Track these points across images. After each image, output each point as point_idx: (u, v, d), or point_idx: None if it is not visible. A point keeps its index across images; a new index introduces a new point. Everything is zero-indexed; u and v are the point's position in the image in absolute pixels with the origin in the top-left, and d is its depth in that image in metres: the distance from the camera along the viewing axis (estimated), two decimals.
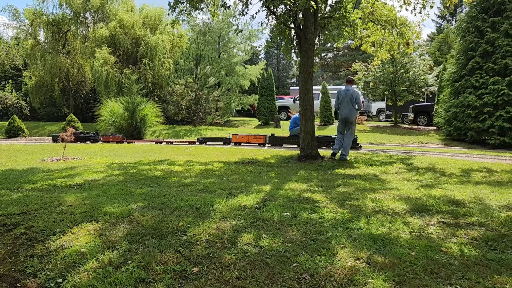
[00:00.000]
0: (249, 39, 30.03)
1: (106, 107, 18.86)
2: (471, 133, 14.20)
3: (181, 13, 9.86)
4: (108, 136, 16.58)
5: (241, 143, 14.18)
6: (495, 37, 14.02)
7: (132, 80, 19.79)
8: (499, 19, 14.08)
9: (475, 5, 15.04)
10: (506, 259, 3.05)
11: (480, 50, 14.45)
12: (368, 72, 22.06)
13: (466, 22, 15.43)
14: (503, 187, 5.98)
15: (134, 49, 24.68)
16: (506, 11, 13.95)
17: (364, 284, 2.69)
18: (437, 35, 42.36)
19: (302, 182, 6.36)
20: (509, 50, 13.64)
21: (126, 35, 24.38)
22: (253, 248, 3.34)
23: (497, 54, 13.93)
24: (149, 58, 23.93)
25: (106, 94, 22.30)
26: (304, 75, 9.61)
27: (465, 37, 15.33)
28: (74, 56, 27.46)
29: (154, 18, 26.10)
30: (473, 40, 14.78)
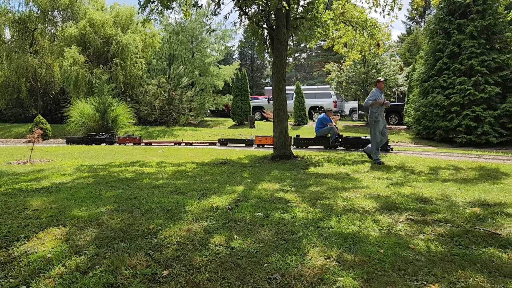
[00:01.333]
0: (223, 39, 29.95)
1: (76, 108, 18.39)
2: (439, 132, 14.60)
3: (152, 12, 9.73)
4: (125, 137, 15.95)
5: (265, 145, 13.41)
6: (461, 38, 14.46)
7: (103, 80, 19.39)
8: (465, 21, 14.54)
9: (442, 7, 15.48)
10: (470, 254, 3.14)
11: (447, 51, 14.87)
12: (341, 72, 22.39)
13: (434, 23, 15.86)
14: (469, 184, 6.18)
15: (105, 48, 24.18)
16: (471, 14, 14.42)
17: (333, 282, 2.71)
18: (407, 36, 43.37)
19: (275, 182, 6.38)
20: (474, 51, 14.10)
21: (97, 34, 23.86)
22: (224, 249, 3.32)
23: (463, 55, 14.37)
24: (121, 57, 23.50)
25: (76, 94, 21.75)
26: (277, 75, 9.66)
27: (433, 38, 15.76)
28: (42, 56, 26.64)
29: (126, 17, 25.64)
30: (440, 42, 15.20)
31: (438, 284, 2.64)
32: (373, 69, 21.06)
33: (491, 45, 14.42)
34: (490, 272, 2.82)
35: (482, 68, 13.87)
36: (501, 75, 13.95)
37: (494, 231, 3.68)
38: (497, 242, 3.40)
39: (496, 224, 3.91)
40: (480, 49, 14.17)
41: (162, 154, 11.33)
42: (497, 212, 4.32)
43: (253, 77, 47.86)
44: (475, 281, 2.67)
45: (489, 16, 14.24)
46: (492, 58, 14.01)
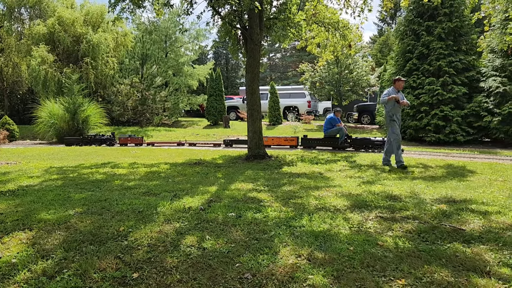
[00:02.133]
0: (197, 38, 29.73)
1: (45, 108, 17.86)
2: (409, 131, 14.96)
3: (124, 10, 9.56)
4: (126, 137, 15.48)
5: (271, 146, 13.00)
6: (430, 40, 14.87)
7: (73, 79, 18.89)
8: (433, 23, 14.95)
9: (411, 9, 15.86)
10: (436, 249, 3.24)
11: (416, 52, 15.26)
12: (315, 72, 22.63)
13: (403, 25, 16.23)
14: (437, 182, 6.36)
15: (75, 47, 23.59)
16: (439, 16, 14.84)
17: (304, 280, 2.74)
18: (378, 37, 44.28)
19: (248, 182, 6.39)
20: (442, 52, 14.52)
21: (66, 32, 23.25)
22: (196, 250, 3.30)
23: (432, 56, 14.78)
24: (92, 57, 22.98)
25: (44, 94, 21.14)
26: (251, 75, 9.68)
27: (403, 40, 16.13)
28: (9, 54, 25.77)
29: (96, 16, 25.08)
30: (410, 43, 15.58)
31: (405, 280, 2.71)
32: (346, 69, 21.39)
33: (458, 47, 14.89)
34: (454, 266, 2.92)
35: (450, 69, 14.30)
36: (467, 76, 14.42)
37: (459, 226, 3.81)
38: (462, 238, 3.52)
39: (461, 220, 4.04)
40: (448, 50, 14.62)
41: (135, 155, 11.16)
42: (463, 208, 4.46)
43: (228, 77, 47.77)
44: (440, 276, 2.75)
45: (456, 18, 14.71)
46: (459, 59, 14.48)
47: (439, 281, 2.67)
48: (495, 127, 13.15)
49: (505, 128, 12.91)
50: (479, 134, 14.13)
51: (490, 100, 13.57)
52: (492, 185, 6.00)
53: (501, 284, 2.63)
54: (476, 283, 2.63)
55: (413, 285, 2.64)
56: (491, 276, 2.75)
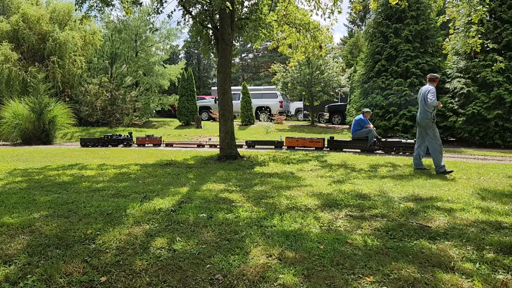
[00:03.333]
0: (168, 38, 29.35)
1: (8, 109, 17.16)
2: (379, 131, 15.27)
3: (92, 8, 9.33)
4: (144, 138, 14.77)
5: (295, 147, 12.50)
6: (397, 42, 15.25)
7: (38, 79, 18.24)
8: (401, 26, 15.35)
9: (380, 12, 16.22)
10: (403, 246, 3.32)
11: (385, 54, 15.62)
12: (286, 73, 22.76)
13: (372, 27, 16.58)
14: (404, 180, 6.52)
15: (40, 45, 22.82)
16: (407, 19, 15.25)
17: (275, 280, 2.75)
18: (349, 39, 45.06)
19: (220, 183, 6.36)
20: (409, 54, 14.93)
21: (31, 30, 22.47)
22: (166, 252, 3.26)
23: (399, 57, 15.17)
24: (58, 55, 22.30)
25: (8, 94, 20.33)
26: (222, 75, 9.64)
27: (372, 42, 16.48)
28: None
29: (63, 13, 24.34)
30: (379, 45, 15.93)
31: (373, 277, 2.76)
32: (317, 70, 21.61)
33: (424, 49, 15.34)
34: (420, 262, 2.99)
35: (417, 70, 14.72)
36: None
37: (425, 224, 3.92)
38: (428, 234, 3.62)
39: (427, 217, 4.16)
40: (415, 52, 15.04)
41: (104, 156, 10.91)
42: (429, 206, 4.60)
43: (199, 77, 47.45)
44: (406, 272, 2.82)
45: (422, 21, 15.15)
46: (426, 61, 14.92)
47: (406, 277, 2.74)
48: (460, 127, 13.62)
49: (469, 128, 13.39)
50: (445, 133, 14.58)
51: (455, 101, 14.05)
52: (457, 183, 6.21)
53: (464, 279, 2.72)
54: (441, 279, 2.71)
55: (381, 281, 2.70)
56: (455, 271, 2.84)
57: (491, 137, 13.01)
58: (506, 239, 3.42)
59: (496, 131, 12.91)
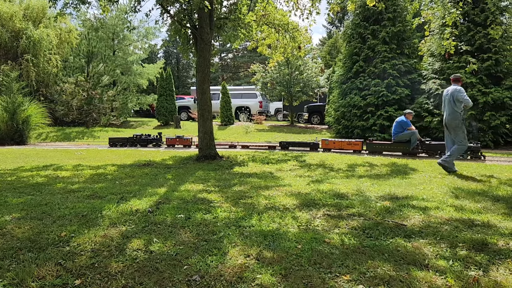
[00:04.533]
0: (146, 37, 28.96)
1: None
2: (357, 131, 15.48)
3: (67, 6, 9.14)
4: (174, 138, 14.14)
5: (331, 149, 11.87)
6: (375, 43, 15.48)
7: (11, 77, 17.75)
8: (378, 27, 15.59)
9: (358, 13, 16.43)
10: (380, 245, 3.36)
11: (363, 55, 15.83)
12: (266, 73, 22.81)
13: (351, 29, 16.78)
14: (381, 179, 6.62)
15: (13, 43, 22.19)
16: (384, 20, 15.49)
17: (252, 280, 2.75)
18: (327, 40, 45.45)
19: (199, 183, 6.32)
20: (386, 55, 15.18)
21: (4, 27, 21.82)
22: (143, 254, 3.22)
23: (377, 59, 15.40)
24: (33, 53, 21.73)
25: None
26: (201, 75, 9.59)
27: (350, 43, 16.67)
28: None
29: (38, 10, 23.72)
30: (357, 46, 16.14)
31: (349, 275, 2.79)
32: (296, 70, 21.73)
33: (401, 50, 15.63)
34: (396, 260, 3.04)
35: (394, 71, 14.97)
36: (410, 78, 15.16)
37: (401, 222, 3.98)
38: (403, 233, 3.68)
39: (403, 216, 4.23)
40: (392, 53, 15.30)
41: (80, 157, 10.69)
42: (405, 204, 4.68)
43: (178, 76, 47.09)
44: (382, 270, 2.86)
45: (399, 23, 15.43)
46: (402, 62, 15.19)
47: (381, 275, 2.77)
48: (435, 127, 13.90)
49: (443, 128, 13.67)
50: (421, 133, 14.85)
51: (430, 101, 14.33)
52: (432, 182, 6.33)
53: (438, 276, 2.78)
54: (415, 276, 2.76)
55: (357, 280, 2.73)
56: (429, 268, 2.89)
57: None
58: (478, 236, 3.50)
59: (469, 131, 13.24)
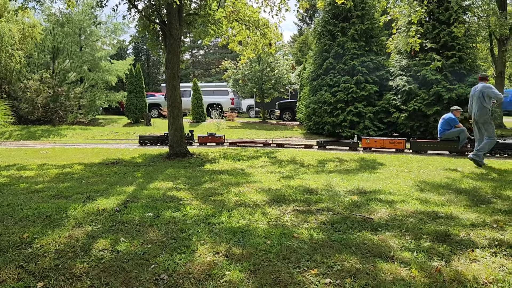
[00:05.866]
0: (115, 32, 28.28)
1: None
2: (327, 127, 15.67)
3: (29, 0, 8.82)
4: (206, 136, 13.33)
5: (372, 148, 11.22)
6: (344, 40, 15.69)
7: None
8: (347, 25, 15.80)
9: (327, 11, 16.60)
10: (347, 238, 3.42)
11: (333, 52, 16.02)
12: (237, 70, 22.75)
13: (320, 26, 16.94)
14: (350, 174, 6.73)
15: None
16: (352, 18, 15.72)
17: (221, 277, 2.74)
18: (298, 37, 45.81)
19: (168, 181, 6.24)
20: (355, 53, 15.41)
21: None
22: (109, 254, 3.15)
23: (346, 56, 15.61)
24: None
25: None
26: (171, 72, 9.45)
27: (320, 40, 16.83)
28: None
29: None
30: (327, 43, 16.31)
31: (317, 269, 2.82)
32: (268, 67, 21.79)
33: (369, 48, 15.91)
34: (362, 253, 3.10)
35: (363, 68, 15.21)
36: (378, 75, 15.46)
37: (368, 216, 4.06)
38: (370, 226, 3.76)
39: (370, 209, 4.32)
40: (361, 50, 15.54)
41: (46, 156, 10.35)
42: (372, 198, 4.78)
43: (149, 73, 46.31)
44: (349, 263, 2.90)
45: (367, 21, 15.69)
46: (371, 59, 15.46)
47: (348, 268, 2.82)
48: (402, 122, 14.26)
49: (410, 123, 14.06)
50: (389, 129, 15.22)
51: (398, 98, 14.68)
52: (399, 176, 6.49)
53: (403, 267, 2.85)
54: (381, 268, 2.82)
55: (325, 273, 2.76)
56: (394, 260, 2.96)
57: (430, 132, 13.72)
58: (441, 228, 3.62)
59: (435, 126, 13.61)
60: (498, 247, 3.16)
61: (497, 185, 5.59)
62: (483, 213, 4.14)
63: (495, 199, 4.74)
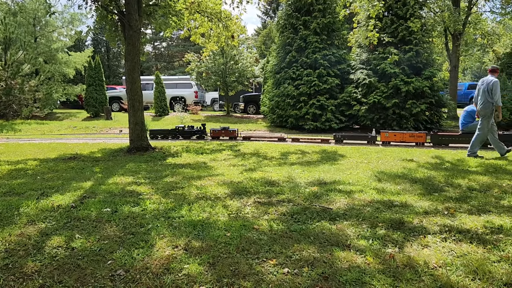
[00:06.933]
0: (72, 23, 27.18)
1: None
2: (291, 120, 15.82)
3: None
4: (219, 130, 12.65)
5: (391, 142, 10.83)
6: (306, 34, 15.83)
7: None
8: (309, 18, 15.95)
9: (290, 4, 16.69)
10: (306, 229, 3.47)
11: (295, 45, 16.14)
12: (201, 63, 22.50)
13: (283, 19, 17.01)
14: (312, 166, 6.83)
15: None
16: (314, 12, 15.88)
17: (179, 270, 2.71)
18: (262, 30, 45.83)
19: (128, 175, 6.11)
20: (317, 46, 15.60)
21: None
22: (63, 251, 3.05)
23: (309, 49, 15.77)
24: None
25: None
26: (131, 64, 9.23)
27: (283, 33, 16.91)
28: None
29: None
30: (289, 36, 16.41)
31: (276, 260, 2.84)
32: (231, 60, 21.68)
33: (331, 41, 16.16)
34: (320, 243, 3.16)
35: (325, 61, 15.44)
36: (339, 68, 15.75)
37: (327, 206, 4.14)
38: (329, 216, 3.83)
39: (329, 200, 4.40)
40: (323, 44, 15.75)
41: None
42: (332, 189, 4.87)
43: (109, 65, 44.94)
44: (307, 252, 2.95)
45: (329, 15, 15.90)
46: (332, 52, 15.71)
47: (306, 258, 2.87)
48: (363, 115, 14.61)
49: (370, 115, 14.44)
50: (350, 121, 15.57)
51: (359, 91, 15.03)
52: (358, 167, 6.66)
53: (358, 255, 2.93)
54: (338, 256, 2.89)
55: (283, 263, 2.79)
56: (350, 248, 3.04)
57: (389, 124, 14.16)
58: (396, 216, 3.74)
59: (393, 118, 14.09)
60: (448, 233, 3.31)
61: (450, 174, 5.84)
62: (435, 201, 4.31)
63: (447, 187, 4.95)
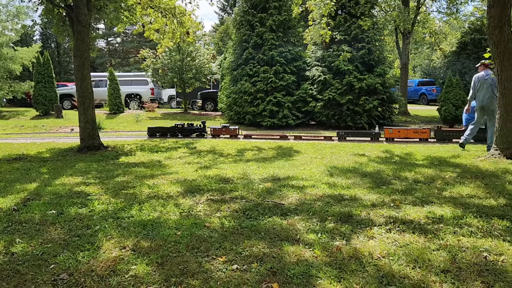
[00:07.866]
0: (18, 16, 25.76)
1: None
2: (248, 117, 15.84)
3: None
4: (220, 128, 11.93)
5: (395, 139, 10.63)
6: (263, 31, 15.89)
7: None
8: (265, 15, 16.01)
9: (246, 0, 16.68)
10: (257, 225, 3.49)
11: (252, 42, 16.15)
12: (157, 59, 22.05)
13: (240, 16, 16.97)
14: (267, 162, 6.88)
15: None
16: (270, 9, 15.97)
17: (126, 272, 2.65)
18: (220, 26, 45.56)
19: (77, 175, 5.89)
20: (274, 43, 15.69)
21: None
22: (2, 257, 2.90)
23: (265, 46, 15.84)
24: None
25: None
26: (80, 60, 8.89)
27: (240, 30, 16.88)
28: None
29: None
30: (246, 33, 16.41)
31: (225, 256, 2.84)
32: (188, 56, 21.40)
33: (287, 38, 16.30)
34: (271, 238, 3.19)
35: (281, 58, 15.56)
36: (296, 65, 15.93)
37: (280, 201, 4.18)
38: (280, 211, 3.87)
39: (282, 195, 4.45)
40: (279, 41, 15.86)
41: None
42: (285, 185, 4.92)
43: (59, 61, 43.03)
44: (257, 248, 2.97)
45: (284, 12, 16.03)
46: (288, 50, 15.86)
47: (256, 253, 2.88)
48: (319, 111, 14.88)
49: (326, 112, 14.73)
50: (307, 117, 15.81)
51: (314, 87, 15.28)
52: (312, 162, 6.78)
53: (307, 248, 2.98)
54: (287, 251, 2.92)
55: (233, 260, 2.80)
56: (300, 243, 3.09)
57: (344, 120, 14.51)
58: (345, 209, 3.84)
59: (348, 114, 14.45)
60: (393, 224, 3.44)
61: (398, 167, 6.07)
62: (383, 193, 4.47)
63: (395, 180, 5.15)
